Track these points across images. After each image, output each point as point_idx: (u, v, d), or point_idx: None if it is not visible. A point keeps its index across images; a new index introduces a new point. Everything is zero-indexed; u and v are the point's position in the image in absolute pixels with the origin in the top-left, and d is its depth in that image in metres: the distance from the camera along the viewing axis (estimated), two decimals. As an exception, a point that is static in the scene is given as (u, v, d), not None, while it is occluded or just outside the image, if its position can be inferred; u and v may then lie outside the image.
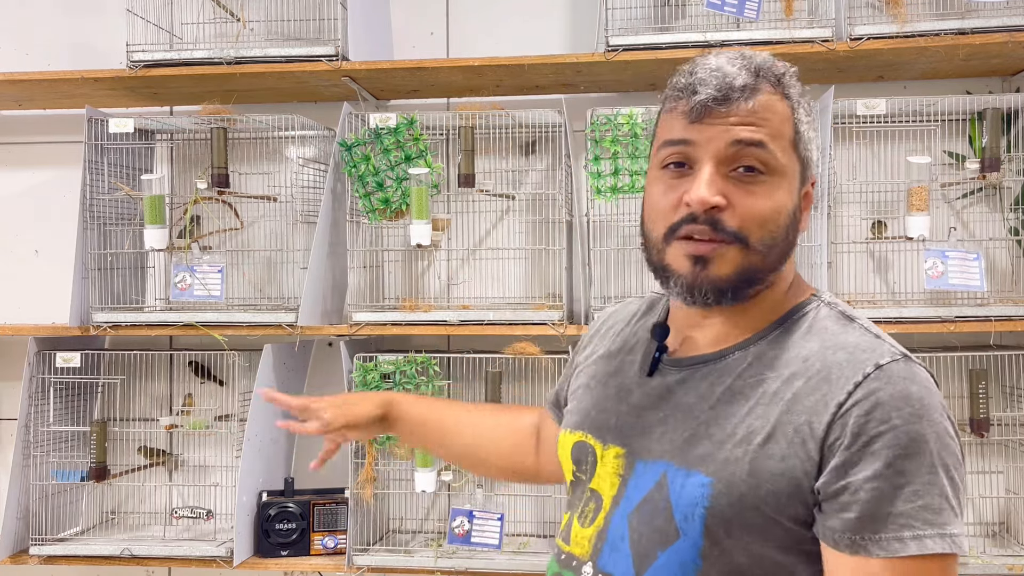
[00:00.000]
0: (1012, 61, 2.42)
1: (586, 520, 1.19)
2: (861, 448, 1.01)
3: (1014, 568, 2.26)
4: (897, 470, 1.00)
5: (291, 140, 2.67)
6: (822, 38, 2.30)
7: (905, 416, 1.01)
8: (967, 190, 2.55)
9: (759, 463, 1.05)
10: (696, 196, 1.07)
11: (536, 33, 2.70)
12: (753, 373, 1.11)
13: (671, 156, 1.12)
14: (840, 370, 1.05)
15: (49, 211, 2.86)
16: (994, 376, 2.42)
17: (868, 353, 1.06)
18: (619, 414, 1.20)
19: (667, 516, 1.09)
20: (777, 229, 1.10)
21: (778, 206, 1.10)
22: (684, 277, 1.10)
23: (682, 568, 1.08)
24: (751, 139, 1.08)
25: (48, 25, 2.88)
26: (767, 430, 1.06)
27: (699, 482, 1.07)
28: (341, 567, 2.43)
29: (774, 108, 1.11)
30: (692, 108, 1.10)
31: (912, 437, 1.01)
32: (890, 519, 0.99)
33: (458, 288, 2.72)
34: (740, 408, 1.09)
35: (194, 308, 2.50)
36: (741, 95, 1.09)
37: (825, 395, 1.05)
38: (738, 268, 1.09)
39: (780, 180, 1.11)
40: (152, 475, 2.77)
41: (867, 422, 1.01)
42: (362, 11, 2.55)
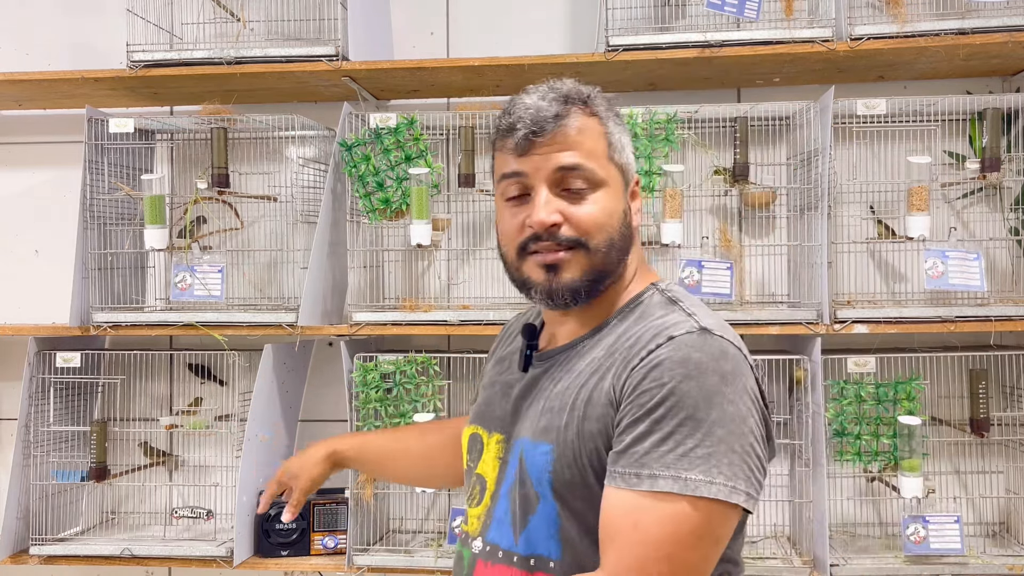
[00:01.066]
0: (1012, 61, 2.42)
1: (474, 501, 1.36)
2: (634, 400, 1.17)
3: (1014, 568, 2.26)
4: (655, 418, 1.15)
5: (291, 140, 2.68)
6: (822, 38, 2.30)
7: (676, 376, 1.16)
8: (967, 190, 2.55)
9: (583, 426, 1.22)
10: (536, 219, 1.26)
11: (536, 33, 2.70)
12: (591, 355, 1.28)
13: (510, 188, 1.30)
14: (642, 342, 1.22)
15: (49, 211, 2.86)
16: (994, 376, 2.42)
17: (671, 328, 1.22)
18: (501, 406, 1.37)
19: (528, 485, 1.25)
20: (611, 230, 1.28)
21: (607, 211, 1.28)
22: (541, 285, 1.29)
23: (547, 527, 1.24)
24: (571, 164, 1.26)
25: (48, 25, 2.88)
26: (586, 396, 1.23)
27: (543, 451, 1.24)
28: (341, 567, 2.43)
29: (586, 128, 1.28)
30: (516, 144, 1.27)
31: (676, 393, 1.15)
32: (637, 457, 1.14)
33: (458, 288, 2.72)
34: (575, 383, 1.26)
35: (194, 308, 2.50)
36: (555, 123, 1.26)
37: (628, 362, 1.21)
38: (585, 269, 1.27)
39: (604, 189, 1.28)
40: (152, 475, 2.77)
41: (644, 379, 1.17)
42: (362, 11, 2.55)
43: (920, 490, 2.27)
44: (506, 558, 1.28)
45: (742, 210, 2.62)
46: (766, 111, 2.48)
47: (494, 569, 1.29)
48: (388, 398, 2.41)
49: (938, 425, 2.46)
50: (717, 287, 2.31)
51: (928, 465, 2.44)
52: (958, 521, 2.27)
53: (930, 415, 2.42)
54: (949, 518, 2.28)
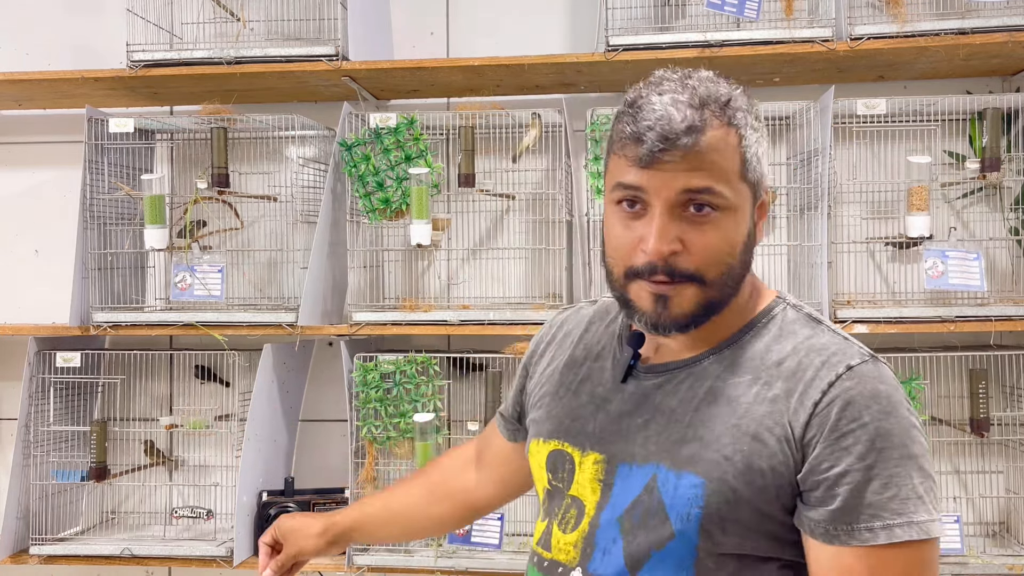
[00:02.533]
0: (1012, 61, 2.42)
1: (568, 526, 1.21)
2: (834, 443, 1.08)
3: (1014, 568, 2.26)
4: (868, 464, 1.07)
5: (291, 140, 2.68)
6: (822, 38, 2.29)
7: (874, 413, 1.08)
8: (967, 190, 2.55)
9: (748, 462, 1.11)
10: (652, 248, 1.12)
11: (536, 33, 2.70)
12: (731, 376, 1.17)
13: (624, 196, 1.15)
14: (815, 372, 1.12)
15: (49, 211, 2.86)
16: (994, 376, 2.42)
17: (840, 355, 1.13)
18: (596, 421, 1.23)
19: (661, 517, 1.13)
20: (732, 261, 1.16)
21: (731, 239, 1.15)
22: (648, 314, 1.15)
23: (677, 565, 1.13)
24: (699, 187, 1.11)
25: (48, 25, 2.88)
26: (753, 430, 1.12)
27: (691, 483, 1.12)
28: (341, 567, 2.43)
29: (720, 144, 1.13)
30: (640, 157, 1.12)
31: (881, 433, 1.07)
32: (862, 510, 1.06)
33: (458, 288, 2.72)
34: (723, 410, 1.14)
35: (194, 308, 2.50)
36: (687, 138, 1.11)
37: (802, 396, 1.11)
38: (697, 304, 1.15)
39: (731, 214, 1.14)
40: (152, 475, 2.77)
41: (840, 419, 1.08)
42: (362, 11, 2.55)
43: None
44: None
45: (742, 210, 2.61)
46: (766, 111, 2.47)
47: None
48: (388, 398, 2.41)
49: (938, 425, 2.46)
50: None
51: (928, 465, 2.43)
52: (958, 521, 2.27)
53: (930, 415, 2.42)
54: (949, 518, 2.28)
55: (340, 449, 2.71)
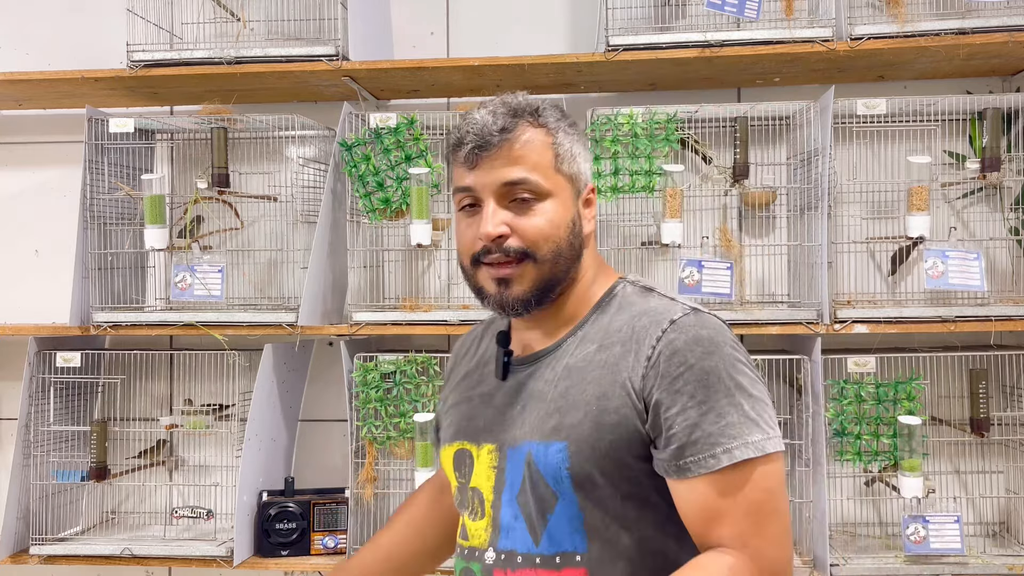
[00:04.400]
0: (1012, 61, 2.42)
1: (476, 515, 1.37)
2: (668, 387, 1.23)
3: (1014, 568, 2.26)
4: (699, 400, 1.22)
5: (291, 140, 2.68)
6: (822, 38, 2.30)
7: (698, 355, 1.24)
8: (967, 190, 2.55)
9: (600, 419, 1.26)
10: (483, 231, 1.32)
11: (536, 33, 2.70)
12: (581, 351, 1.33)
13: (463, 200, 1.36)
14: (644, 330, 1.29)
15: (49, 211, 2.86)
16: (994, 376, 2.42)
17: (664, 313, 1.30)
18: (485, 417, 1.39)
19: (543, 485, 1.28)
20: (559, 239, 1.33)
21: (553, 221, 1.33)
22: (493, 296, 1.34)
23: (570, 523, 1.28)
24: (515, 179, 1.32)
25: (48, 25, 2.88)
26: (599, 391, 1.28)
27: (557, 448, 1.27)
28: (341, 567, 2.43)
29: (532, 141, 1.33)
30: (465, 158, 1.34)
31: (706, 370, 1.23)
32: (703, 441, 1.21)
33: (458, 288, 2.72)
34: (575, 380, 1.31)
35: (194, 308, 2.50)
36: (499, 137, 1.32)
37: (637, 352, 1.28)
38: (534, 281, 1.32)
39: (551, 200, 1.33)
40: (152, 475, 2.77)
41: (669, 366, 1.24)
42: (362, 11, 2.55)
43: (920, 490, 2.27)
44: (527, 561, 1.29)
45: (742, 210, 2.62)
46: (766, 111, 2.48)
47: (516, 575, 1.30)
48: (388, 398, 2.41)
49: (938, 425, 2.46)
50: (717, 287, 2.31)
51: (928, 465, 2.44)
52: (958, 521, 2.27)
53: (930, 415, 2.42)
54: (949, 518, 2.28)
55: (340, 449, 2.71)
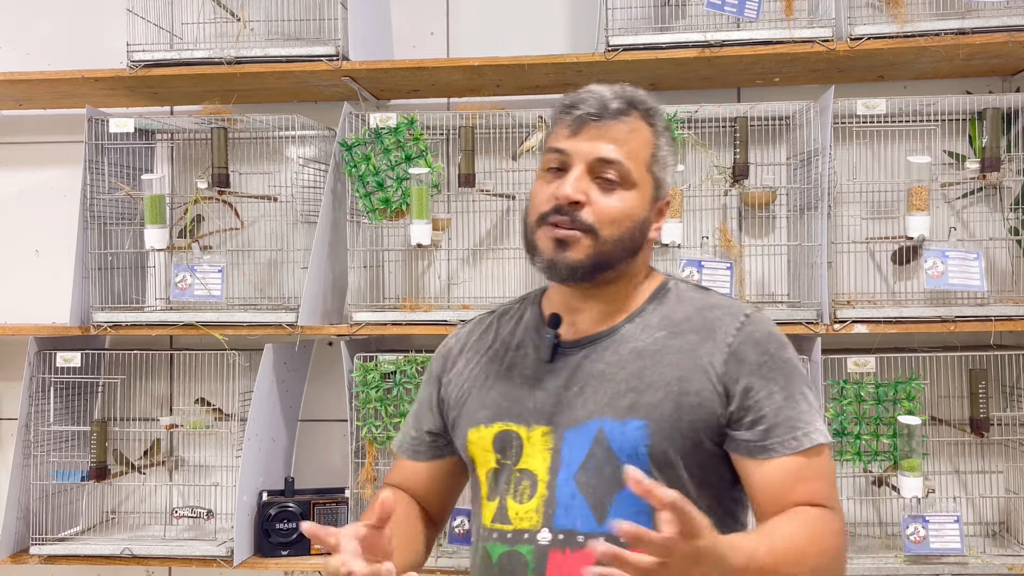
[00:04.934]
0: (1012, 61, 2.42)
1: (523, 496, 1.35)
2: (756, 373, 1.32)
3: (1014, 568, 2.27)
4: (782, 386, 1.32)
5: (291, 140, 2.68)
6: (822, 38, 2.30)
7: (776, 347, 1.35)
8: (967, 190, 2.55)
9: (680, 400, 1.31)
10: (562, 192, 1.34)
11: (536, 33, 2.70)
12: (648, 336, 1.37)
13: (551, 161, 1.38)
14: (719, 321, 1.36)
15: (49, 211, 2.86)
16: (994, 376, 2.42)
17: (736, 308, 1.39)
18: (535, 398, 1.38)
19: (613, 462, 1.30)
20: (625, 228, 1.35)
21: (628, 210, 1.36)
22: (546, 255, 1.35)
23: (637, 503, 1.21)
24: (612, 158, 1.34)
25: (48, 25, 2.88)
26: (678, 374, 1.33)
27: (636, 426, 1.30)
28: (341, 567, 2.42)
29: (638, 132, 1.37)
30: (572, 121, 1.36)
31: (784, 361, 1.35)
32: (784, 424, 1.31)
33: (458, 288, 2.72)
34: (647, 362, 1.34)
35: (194, 308, 2.50)
36: (613, 116, 1.35)
37: (715, 340, 1.34)
38: (589, 254, 1.34)
39: (633, 191, 1.36)
40: (152, 475, 2.77)
41: (755, 354, 1.33)
42: (362, 11, 2.55)
43: (920, 490, 2.27)
44: (590, 540, 1.26)
45: (742, 210, 2.62)
46: (766, 111, 2.48)
47: (578, 555, 1.29)
48: (388, 398, 2.41)
49: (938, 425, 2.46)
50: (717, 287, 2.31)
51: (928, 465, 2.44)
52: (958, 521, 2.27)
53: (930, 415, 2.42)
54: (949, 518, 2.28)
55: (340, 449, 2.71)
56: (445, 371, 1.52)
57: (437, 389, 1.52)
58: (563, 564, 1.30)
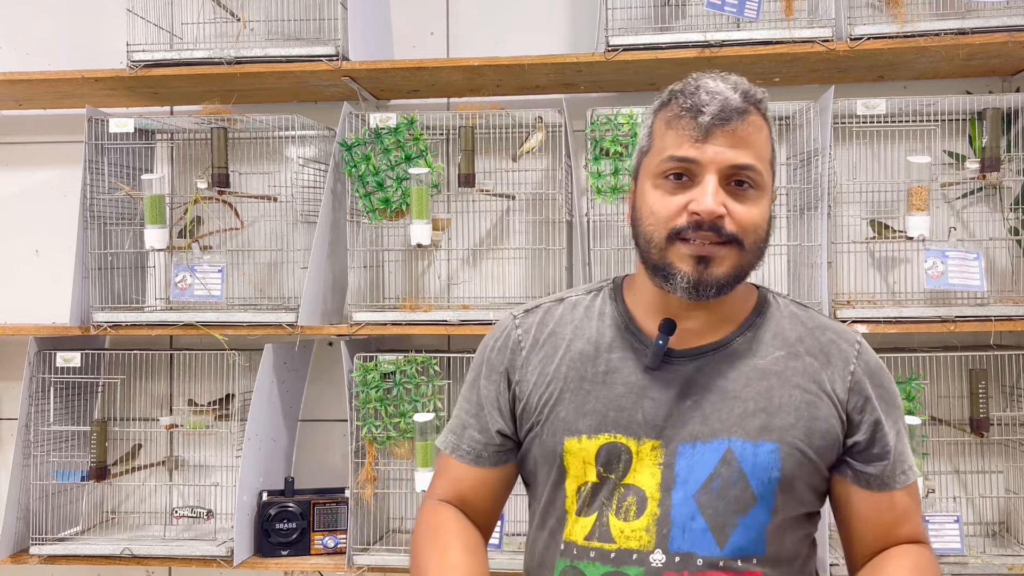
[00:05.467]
0: (1012, 61, 2.42)
1: (629, 514, 1.27)
2: (882, 406, 1.33)
3: (1014, 568, 2.26)
4: (895, 419, 1.35)
5: (291, 140, 2.68)
6: (822, 38, 2.30)
7: (887, 380, 1.37)
8: (967, 190, 2.55)
9: (811, 425, 1.29)
10: (705, 207, 1.24)
11: (536, 33, 2.70)
12: (767, 353, 1.33)
13: (673, 169, 1.28)
14: (834, 345, 1.35)
15: (49, 211, 2.86)
16: (994, 376, 2.42)
17: (844, 332, 1.38)
18: (644, 409, 1.29)
19: (742, 485, 1.25)
20: (763, 234, 1.31)
21: (763, 214, 1.30)
22: (689, 275, 1.26)
23: (759, 528, 1.26)
24: (745, 164, 1.27)
25: (48, 25, 2.88)
26: (806, 398, 1.30)
27: (768, 449, 1.26)
28: (341, 567, 2.43)
29: (760, 130, 1.30)
30: (699, 127, 1.26)
31: (894, 394, 1.36)
32: (899, 459, 1.34)
33: (458, 288, 2.72)
34: (774, 382, 1.30)
35: (194, 308, 2.50)
36: (738, 117, 1.26)
37: (835, 366, 1.33)
38: (735, 267, 1.28)
39: (763, 193, 1.30)
40: (152, 475, 2.77)
41: (877, 386, 1.34)
42: (362, 11, 2.55)
43: (920, 490, 2.26)
44: (708, 565, 1.24)
45: (742, 210, 2.62)
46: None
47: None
48: (388, 398, 2.41)
49: (938, 425, 2.46)
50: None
51: (928, 465, 2.44)
52: (958, 521, 2.27)
53: (930, 415, 2.42)
54: (949, 518, 2.28)
55: (340, 449, 2.71)
56: (516, 367, 1.38)
57: (507, 386, 1.39)
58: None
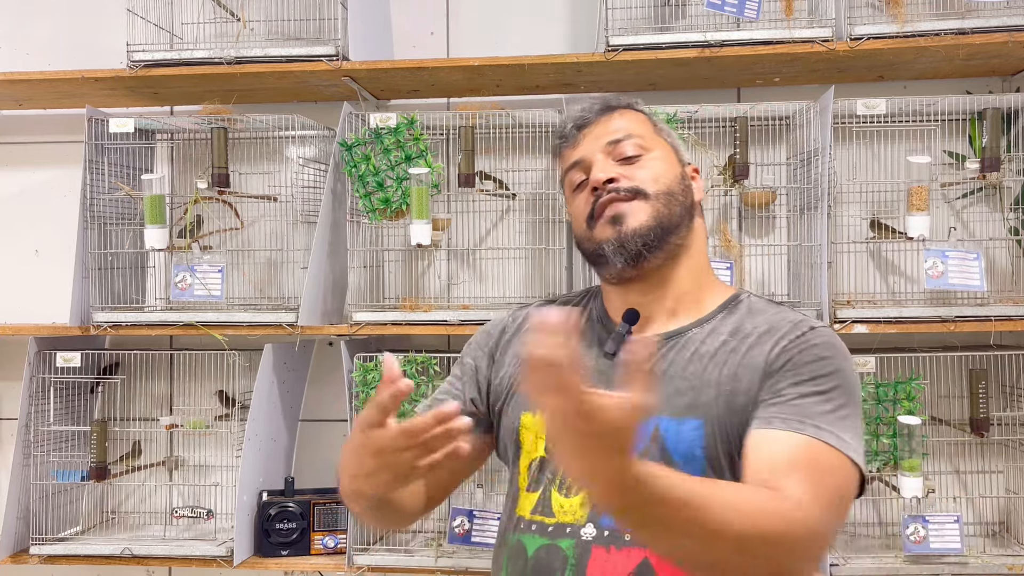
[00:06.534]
0: (1012, 61, 2.42)
1: (570, 490, 1.32)
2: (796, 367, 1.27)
3: (1014, 568, 2.26)
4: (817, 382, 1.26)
5: (291, 140, 2.68)
6: (822, 38, 2.30)
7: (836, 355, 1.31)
8: (967, 190, 2.55)
9: (732, 400, 1.28)
10: (594, 178, 1.36)
11: (536, 33, 2.70)
12: (713, 340, 1.35)
13: (574, 176, 1.41)
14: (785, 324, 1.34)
15: (49, 211, 2.86)
16: (994, 376, 2.42)
17: (807, 319, 1.37)
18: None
19: (667, 462, 1.26)
20: (668, 182, 1.37)
21: (660, 167, 1.38)
22: (612, 239, 1.34)
23: None
24: (619, 136, 1.39)
25: (48, 25, 2.88)
26: (731, 372, 1.30)
27: (692, 426, 1.28)
28: (341, 567, 2.43)
29: (630, 118, 1.43)
30: (569, 134, 1.42)
31: (838, 368, 1.29)
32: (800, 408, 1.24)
33: (458, 288, 2.72)
34: (708, 363, 1.32)
35: (194, 308, 2.50)
36: (601, 113, 1.42)
37: (774, 343, 1.31)
38: (651, 217, 1.34)
39: (656, 154, 1.39)
40: (152, 475, 2.77)
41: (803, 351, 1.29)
42: (362, 11, 2.55)
43: (920, 490, 2.26)
44: (636, 541, 1.26)
45: (742, 210, 2.62)
46: (766, 111, 2.48)
47: (624, 553, 1.26)
48: (388, 398, 2.40)
49: (938, 425, 2.46)
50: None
51: (928, 465, 2.44)
52: (958, 521, 2.27)
53: (930, 415, 2.42)
54: (949, 518, 2.28)
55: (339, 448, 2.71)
56: (497, 348, 1.48)
57: (487, 364, 1.48)
58: (605, 561, 1.27)
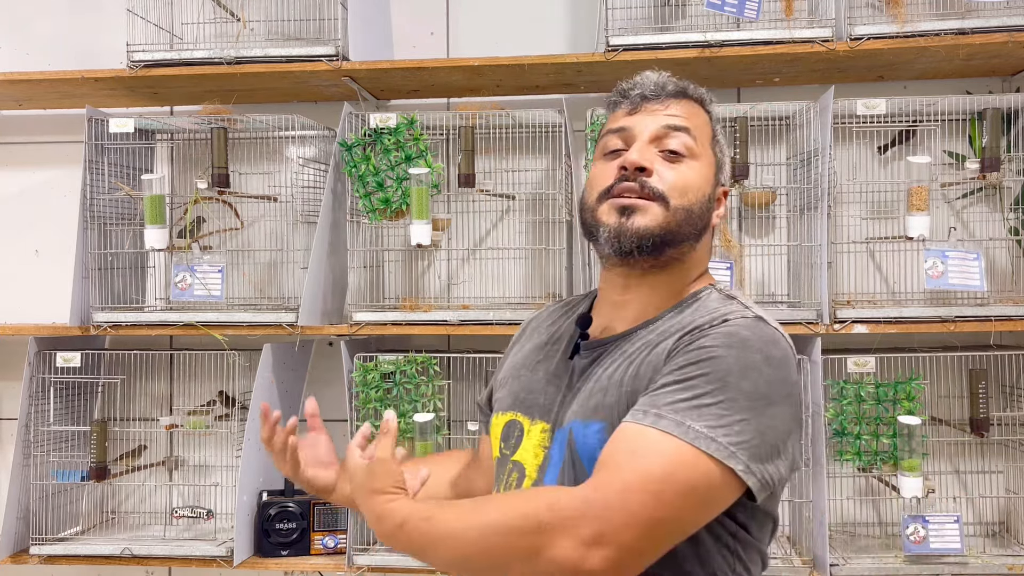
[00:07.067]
0: (1012, 61, 2.42)
1: (510, 489, 1.32)
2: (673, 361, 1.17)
3: (1014, 568, 2.26)
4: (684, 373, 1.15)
5: (291, 140, 2.68)
6: (822, 38, 2.30)
7: (719, 344, 1.16)
8: (967, 190, 2.55)
9: (632, 400, 1.20)
10: (629, 159, 1.27)
11: (536, 33, 2.70)
12: (643, 340, 1.27)
13: (611, 141, 1.32)
14: (704, 319, 1.22)
15: (49, 211, 2.86)
16: (994, 376, 2.42)
17: (725, 314, 1.22)
18: (547, 394, 1.33)
19: (580, 466, 1.23)
20: (693, 200, 1.29)
21: (695, 182, 1.29)
22: (612, 227, 1.27)
23: None
24: (678, 124, 1.30)
25: (48, 25, 2.88)
26: (635, 371, 1.22)
27: (596, 429, 1.22)
28: (341, 567, 2.43)
29: (696, 113, 1.34)
30: (631, 101, 1.33)
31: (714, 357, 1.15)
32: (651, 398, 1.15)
33: (458, 288, 2.72)
34: (620, 364, 1.25)
35: (194, 308, 2.50)
36: (671, 95, 1.32)
37: (680, 334, 1.21)
38: (659, 223, 1.26)
39: (698, 165, 1.30)
40: (152, 475, 2.77)
41: (688, 346, 1.18)
42: (362, 11, 2.55)
43: (920, 490, 2.27)
44: None
45: (742, 210, 2.62)
46: (766, 111, 2.48)
47: None
48: (388, 398, 2.41)
49: (938, 425, 2.47)
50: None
51: (928, 465, 2.44)
52: (958, 521, 2.27)
53: (930, 415, 2.42)
54: (949, 518, 2.28)
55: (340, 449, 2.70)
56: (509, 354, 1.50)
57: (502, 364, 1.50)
58: None
